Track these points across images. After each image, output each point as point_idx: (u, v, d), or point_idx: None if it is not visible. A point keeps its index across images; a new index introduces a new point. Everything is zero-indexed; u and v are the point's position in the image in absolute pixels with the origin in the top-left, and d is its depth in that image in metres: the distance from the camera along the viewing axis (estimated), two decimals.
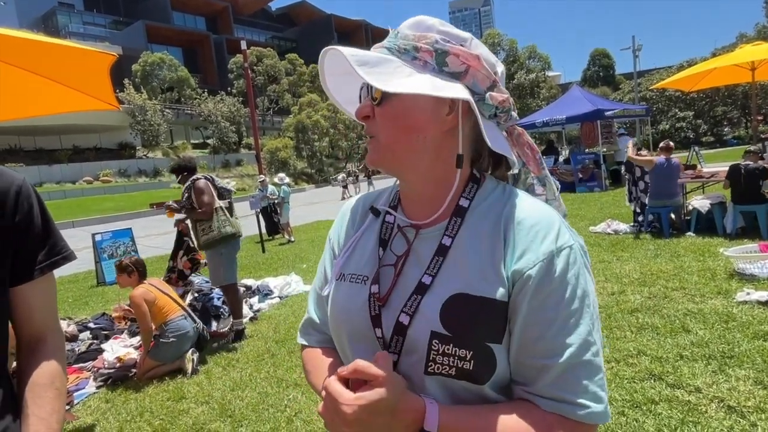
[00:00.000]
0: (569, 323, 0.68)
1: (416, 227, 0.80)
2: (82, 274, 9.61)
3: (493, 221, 0.74)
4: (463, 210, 0.76)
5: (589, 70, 61.77)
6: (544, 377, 0.68)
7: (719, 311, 3.85)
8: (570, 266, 0.69)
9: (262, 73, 43.57)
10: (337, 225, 0.95)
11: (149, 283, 4.19)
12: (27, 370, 0.92)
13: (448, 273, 0.73)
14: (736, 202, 6.25)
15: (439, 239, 0.76)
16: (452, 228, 0.76)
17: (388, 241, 0.82)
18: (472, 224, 0.75)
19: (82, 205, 24.84)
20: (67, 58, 2.66)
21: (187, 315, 4.25)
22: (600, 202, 11.08)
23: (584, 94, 15.92)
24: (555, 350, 0.67)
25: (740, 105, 36.14)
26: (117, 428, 3.24)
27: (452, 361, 0.69)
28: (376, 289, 0.77)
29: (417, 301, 0.73)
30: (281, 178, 12.09)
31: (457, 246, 0.74)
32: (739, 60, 7.37)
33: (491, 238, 0.73)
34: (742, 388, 2.73)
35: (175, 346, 4.04)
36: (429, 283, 0.73)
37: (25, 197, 0.93)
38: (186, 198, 4.53)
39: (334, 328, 0.85)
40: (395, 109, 0.74)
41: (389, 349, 0.74)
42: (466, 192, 0.78)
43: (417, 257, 0.78)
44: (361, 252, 0.85)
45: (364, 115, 0.76)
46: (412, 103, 0.73)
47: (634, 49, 32.25)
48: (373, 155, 0.77)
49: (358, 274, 0.82)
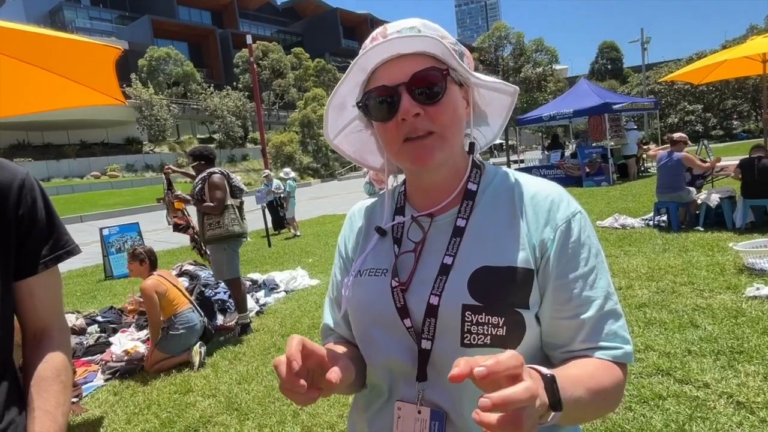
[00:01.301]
0: (591, 279, 0.75)
1: (430, 215, 0.82)
2: (90, 268, 9.69)
3: (506, 199, 0.80)
4: (472, 193, 0.81)
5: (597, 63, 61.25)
6: (580, 333, 0.74)
7: (728, 306, 3.81)
8: (583, 228, 0.77)
9: (267, 67, 43.50)
10: (345, 232, 0.97)
11: (159, 274, 4.19)
12: (32, 363, 0.92)
13: (469, 251, 0.77)
14: (747, 196, 6.18)
15: (453, 224, 0.80)
16: (465, 210, 0.80)
17: (401, 238, 0.84)
18: (485, 205, 0.81)
19: (90, 200, 25.04)
20: (72, 52, 2.66)
21: (194, 308, 4.27)
22: (607, 196, 11.00)
23: (592, 87, 15.78)
24: (584, 306, 0.73)
25: (750, 98, 35.66)
26: (125, 420, 3.27)
27: (486, 330, 0.71)
28: (396, 282, 0.78)
29: (443, 281, 0.75)
30: (287, 173, 12.10)
31: (472, 226, 0.79)
32: (750, 52, 7.25)
33: (507, 213, 0.78)
34: (752, 383, 2.70)
35: (184, 338, 4.08)
36: (451, 263, 0.76)
37: (29, 190, 0.92)
38: (199, 189, 4.53)
39: (357, 322, 0.85)
40: (452, 104, 0.77)
41: (423, 335, 0.75)
42: (473, 177, 0.83)
43: (434, 243, 0.80)
44: (376, 252, 0.86)
45: (416, 113, 0.73)
46: (455, 98, 0.77)
47: (642, 42, 31.87)
48: (431, 153, 0.75)
49: (376, 268, 0.84)
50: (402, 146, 0.76)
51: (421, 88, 0.73)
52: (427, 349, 0.74)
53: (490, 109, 0.88)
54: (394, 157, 0.81)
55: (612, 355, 0.73)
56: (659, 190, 6.98)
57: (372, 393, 0.85)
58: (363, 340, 0.85)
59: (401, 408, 0.77)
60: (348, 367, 0.77)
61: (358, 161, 0.94)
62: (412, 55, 0.74)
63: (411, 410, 0.75)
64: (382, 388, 0.82)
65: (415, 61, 0.74)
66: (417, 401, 0.75)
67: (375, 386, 0.84)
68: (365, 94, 0.78)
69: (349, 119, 0.88)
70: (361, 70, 0.77)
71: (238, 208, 4.66)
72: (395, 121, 0.75)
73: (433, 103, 0.74)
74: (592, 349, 0.73)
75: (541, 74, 31.14)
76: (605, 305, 0.74)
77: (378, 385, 0.83)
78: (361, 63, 0.75)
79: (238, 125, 39.13)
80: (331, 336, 0.95)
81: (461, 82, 0.80)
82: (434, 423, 0.73)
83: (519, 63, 31.55)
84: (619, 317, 0.75)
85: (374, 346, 0.81)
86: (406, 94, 0.73)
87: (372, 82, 0.78)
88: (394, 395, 0.79)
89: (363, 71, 0.78)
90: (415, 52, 0.74)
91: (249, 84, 38.92)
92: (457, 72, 0.77)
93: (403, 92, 0.73)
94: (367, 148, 0.93)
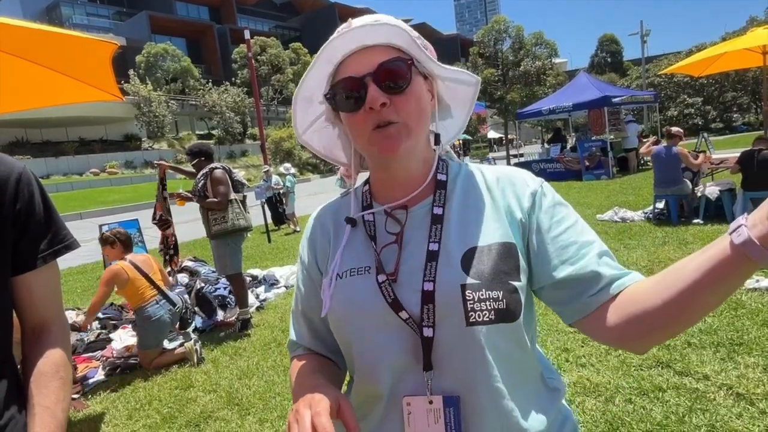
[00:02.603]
0: (581, 226, 0.80)
1: (405, 207, 0.83)
2: (90, 265, 9.70)
3: (475, 185, 0.85)
4: (443, 183, 0.84)
5: (597, 57, 60.98)
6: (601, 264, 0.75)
7: (728, 298, 3.81)
8: (554, 193, 0.84)
9: (266, 62, 43.27)
10: (312, 235, 0.92)
11: (131, 260, 4.01)
12: (32, 359, 0.91)
13: (453, 235, 0.78)
14: (747, 188, 6.17)
15: (429, 213, 0.81)
16: (439, 199, 0.82)
17: (375, 235, 0.83)
18: (459, 192, 0.84)
19: (90, 196, 24.99)
20: (68, 47, 2.65)
21: (162, 297, 4.04)
22: (607, 189, 10.99)
23: (591, 80, 15.72)
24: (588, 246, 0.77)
25: (750, 90, 35.53)
26: (126, 416, 3.28)
27: (489, 305, 0.73)
28: (383, 278, 0.76)
29: (434, 267, 0.76)
30: (287, 168, 12.08)
31: (450, 213, 0.81)
32: (750, 44, 7.22)
33: (480, 197, 0.83)
34: (751, 375, 2.71)
35: (153, 333, 3.97)
36: (437, 249, 0.77)
37: (26, 185, 0.92)
38: (201, 186, 4.51)
39: (346, 327, 0.81)
40: (416, 94, 0.78)
41: (423, 324, 0.74)
42: (441, 169, 0.86)
43: (413, 234, 0.81)
44: (352, 251, 0.83)
45: (382, 103, 0.75)
46: (420, 88, 0.79)
47: (642, 35, 31.74)
48: (398, 141, 0.77)
49: (357, 267, 0.81)
50: (371, 134, 0.77)
51: (387, 77, 0.75)
52: (429, 337, 0.73)
53: (455, 102, 0.90)
54: (363, 147, 0.82)
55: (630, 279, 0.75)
56: (657, 185, 6.97)
57: (367, 401, 0.81)
58: (356, 345, 0.80)
59: (410, 403, 0.74)
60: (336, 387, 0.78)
61: (328, 157, 0.95)
62: (378, 47, 0.77)
63: (422, 403, 0.73)
64: (379, 392, 0.78)
65: (381, 52, 0.76)
66: (427, 391, 0.73)
67: (369, 392, 0.80)
68: (332, 86, 0.80)
69: (317, 113, 0.89)
70: (328, 62, 0.79)
71: (241, 202, 4.65)
72: (363, 111, 0.76)
73: (398, 93, 0.76)
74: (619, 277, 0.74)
75: (540, 68, 31.02)
76: (602, 245, 0.79)
77: (374, 388, 0.79)
78: (327, 54, 0.77)
79: (237, 121, 38.97)
80: (299, 349, 0.94)
81: (425, 74, 0.82)
82: (449, 409, 0.72)
83: (518, 57, 31.42)
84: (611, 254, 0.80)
85: (371, 347, 0.78)
86: (372, 84, 0.75)
87: (339, 73, 0.79)
88: (397, 394, 0.76)
89: (330, 63, 0.79)
90: (381, 43, 0.76)
91: (247, 79, 38.79)
92: (421, 63, 0.80)
93: (369, 82, 0.75)
94: (335, 143, 0.94)
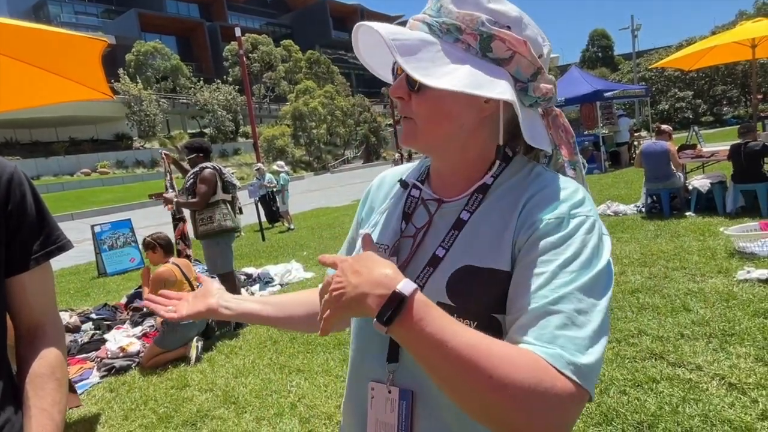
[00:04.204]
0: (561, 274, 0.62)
1: (439, 201, 0.81)
2: (83, 266, 9.63)
3: (515, 197, 0.73)
4: (486, 187, 0.76)
5: (588, 51, 61.22)
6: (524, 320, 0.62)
7: (720, 290, 3.86)
8: (581, 231, 0.65)
9: (257, 60, 43.04)
10: (364, 202, 0.97)
11: (174, 263, 4.19)
12: (27, 360, 0.91)
13: (461, 246, 0.74)
14: (737, 180, 6.23)
15: (457, 215, 0.76)
16: (472, 204, 0.76)
17: (411, 215, 0.83)
18: (494, 200, 0.75)
19: (81, 197, 24.78)
20: (56, 45, 2.62)
21: None
22: (600, 183, 11.05)
23: (583, 75, 15.76)
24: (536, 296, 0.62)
25: (740, 84, 35.87)
26: (122, 417, 3.26)
27: None
28: (395, 261, 0.78)
29: (428, 274, 0.75)
30: (280, 166, 12.05)
31: (473, 221, 0.75)
32: (740, 37, 7.28)
33: (508, 212, 0.72)
34: (743, 365, 2.75)
35: (180, 335, 4.07)
36: (442, 256, 0.74)
37: (17, 185, 0.91)
38: (190, 185, 4.52)
39: None
40: (433, 98, 0.73)
41: None
42: (494, 170, 0.77)
43: (436, 231, 0.79)
44: (386, 224, 0.87)
45: (398, 96, 0.76)
46: (445, 96, 0.71)
47: (632, 29, 31.92)
48: (409, 137, 0.78)
49: (380, 243, 0.84)
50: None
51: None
52: None
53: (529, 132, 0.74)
54: None
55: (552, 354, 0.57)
56: (649, 180, 7.01)
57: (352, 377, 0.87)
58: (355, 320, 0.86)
59: (374, 389, 0.78)
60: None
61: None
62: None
63: (383, 391, 0.77)
64: (359, 370, 0.84)
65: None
66: (387, 381, 0.76)
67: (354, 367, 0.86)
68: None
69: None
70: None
71: (230, 203, 4.65)
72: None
73: (415, 91, 0.75)
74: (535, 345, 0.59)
75: None
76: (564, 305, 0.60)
77: (356, 366, 0.85)
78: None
79: (228, 119, 38.77)
80: None
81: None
82: (402, 402, 0.74)
83: None
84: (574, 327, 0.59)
85: (365, 326, 0.81)
86: (402, 76, 0.76)
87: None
88: (368, 376, 0.80)
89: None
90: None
91: (239, 77, 38.53)
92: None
93: (400, 72, 0.76)
94: None
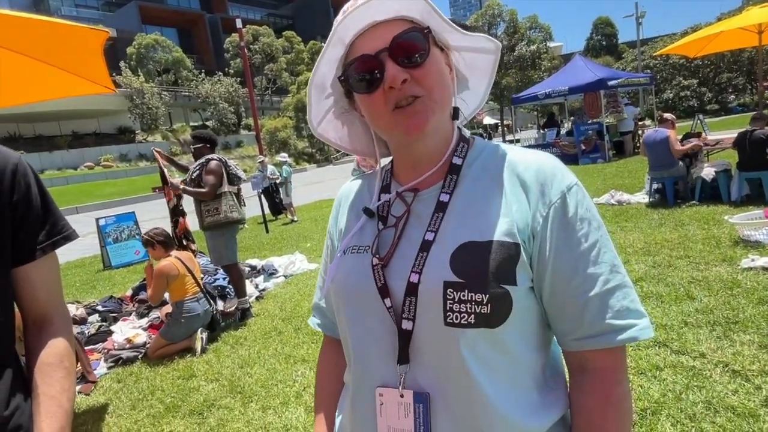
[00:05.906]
0: (594, 254, 0.71)
1: (414, 190, 0.79)
2: (89, 259, 9.69)
3: (493, 173, 0.76)
4: (457, 167, 0.78)
5: (592, 40, 60.55)
6: (586, 313, 0.70)
7: (724, 278, 3.85)
8: (580, 202, 0.72)
9: (258, 51, 42.81)
10: (334, 214, 0.95)
11: (176, 257, 4.21)
12: (35, 350, 0.92)
13: (452, 226, 0.73)
14: (742, 169, 6.20)
15: (437, 198, 0.76)
16: (449, 185, 0.77)
17: (387, 216, 0.81)
18: (471, 179, 0.77)
19: (85, 190, 24.86)
20: (58, 37, 2.60)
21: (203, 296, 4.29)
22: (603, 173, 11.00)
23: (587, 63, 15.63)
24: (589, 283, 0.70)
25: (746, 71, 35.43)
26: (129, 407, 3.30)
27: (470, 308, 0.67)
28: (377, 260, 0.76)
29: (424, 258, 0.72)
30: (283, 158, 12.08)
31: (456, 201, 0.75)
32: (746, 23, 7.19)
33: (493, 188, 0.74)
34: (747, 352, 2.75)
35: (185, 327, 4.11)
36: (432, 239, 0.73)
37: (22, 176, 0.91)
38: (196, 176, 4.52)
39: (337, 302, 0.82)
40: (435, 63, 0.73)
41: (403, 315, 0.72)
42: (458, 151, 0.79)
43: (417, 219, 0.77)
44: (363, 230, 0.84)
45: (403, 79, 0.70)
46: (439, 59, 0.75)
47: (637, 17, 31.53)
48: (424, 118, 0.72)
49: (359, 246, 0.81)
50: (392, 116, 0.72)
51: (404, 52, 0.70)
52: (408, 330, 0.71)
53: (473, 72, 0.85)
54: (383, 130, 0.77)
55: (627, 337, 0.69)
56: (653, 168, 6.98)
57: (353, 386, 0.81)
58: (343, 324, 0.81)
59: (383, 394, 0.73)
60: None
61: (345, 148, 0.91)
62: (389, 21, 0.72)
63: (393, 395, 0.72)
64: (361, 378, 0.78)
65: (393, 26, 0.71)
66: (399, 385, 0.72)
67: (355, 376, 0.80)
68: (346, 66, 0.74)
69: (331, 102, 0.84)
70: (340, 43, 0.74)
71: (236, 195, 4.66)
72: (381, 90, 0.71)
73: (418, 65, 0.71)
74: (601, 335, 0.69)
75: (535, 52, 30.82)
76: (611, 280, 0.70)
77: (356, 374, 0.79)
78: (337, 36, 0.72)
79: (231, 112, 38.66)
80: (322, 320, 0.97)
81: (441, 45, 0.77)
82: (418, 405, 0.71)
83: (513, 41, 31.19)
84: (628, 291, 0.71)
85: (354, 329, 0.78)
86: (390, 60, 0.70)
87: (351, 54, 0.74)
88: (374, 383, 0.75)
89: (341, 44, 0.74)
90: (392, 17, 0.71)
91: (240, 69, 38.35)
92: (437, 33, 0.75)
93: (386, 59, 0.70)
94: (352, 132, 0.89)
